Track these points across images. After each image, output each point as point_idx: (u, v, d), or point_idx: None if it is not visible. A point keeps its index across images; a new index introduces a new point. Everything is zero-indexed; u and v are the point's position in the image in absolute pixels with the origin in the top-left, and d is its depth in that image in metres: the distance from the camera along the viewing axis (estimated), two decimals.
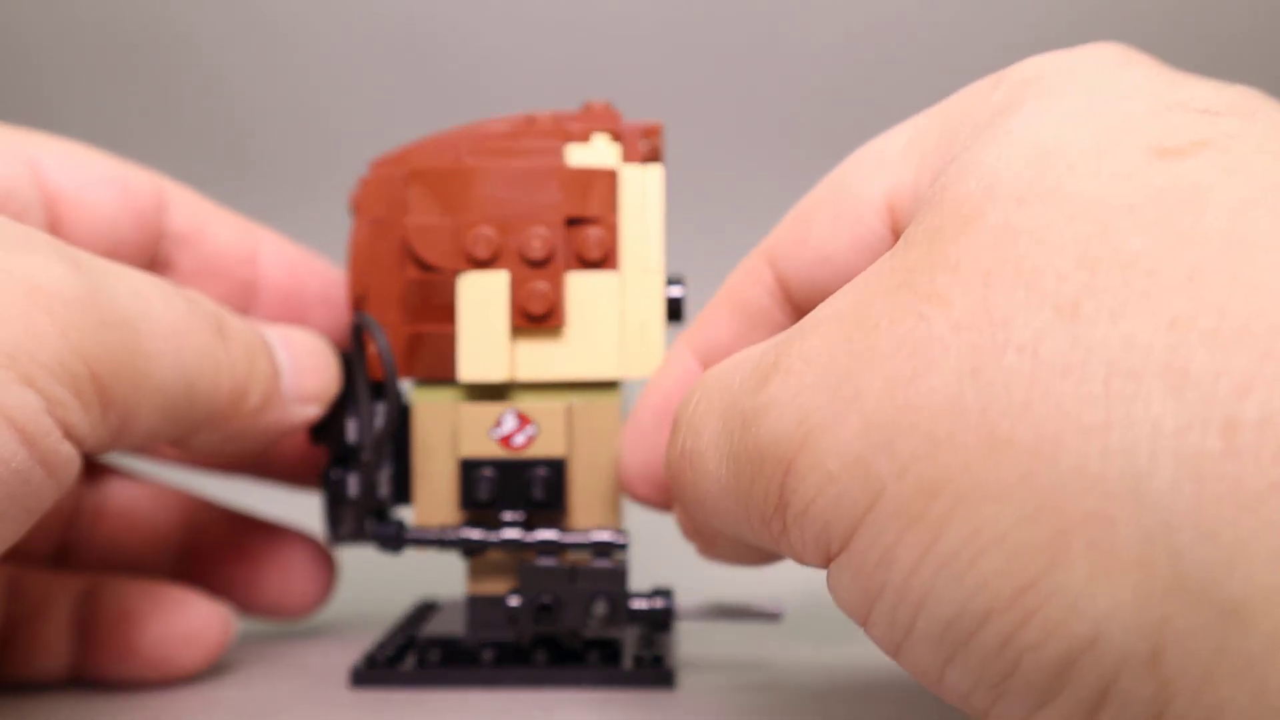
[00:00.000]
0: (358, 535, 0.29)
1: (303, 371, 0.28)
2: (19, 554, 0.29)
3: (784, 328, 0.26)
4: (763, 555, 0.26)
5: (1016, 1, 0.94)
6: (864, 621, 0.19)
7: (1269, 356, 0.14)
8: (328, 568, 0.32)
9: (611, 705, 0.27)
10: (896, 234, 0.24)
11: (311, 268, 0.32)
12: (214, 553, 0.31)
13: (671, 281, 0.29)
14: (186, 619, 0.28)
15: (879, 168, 0.24)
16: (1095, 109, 0.19)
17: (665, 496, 0.27)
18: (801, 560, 0.20)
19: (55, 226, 0.28)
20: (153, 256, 0.30)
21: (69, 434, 0.21)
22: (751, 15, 0.95)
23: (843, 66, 0.94)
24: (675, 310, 0.29)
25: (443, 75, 0.92)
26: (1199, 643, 0.14)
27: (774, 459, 0.19)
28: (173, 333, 0.23)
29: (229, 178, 0.81)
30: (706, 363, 0.27)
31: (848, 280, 0.23)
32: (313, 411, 0.28)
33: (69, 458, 0.22)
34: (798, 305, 0.26)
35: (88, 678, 0.28)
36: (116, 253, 0.29)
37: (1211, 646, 0.14)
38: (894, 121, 0.25)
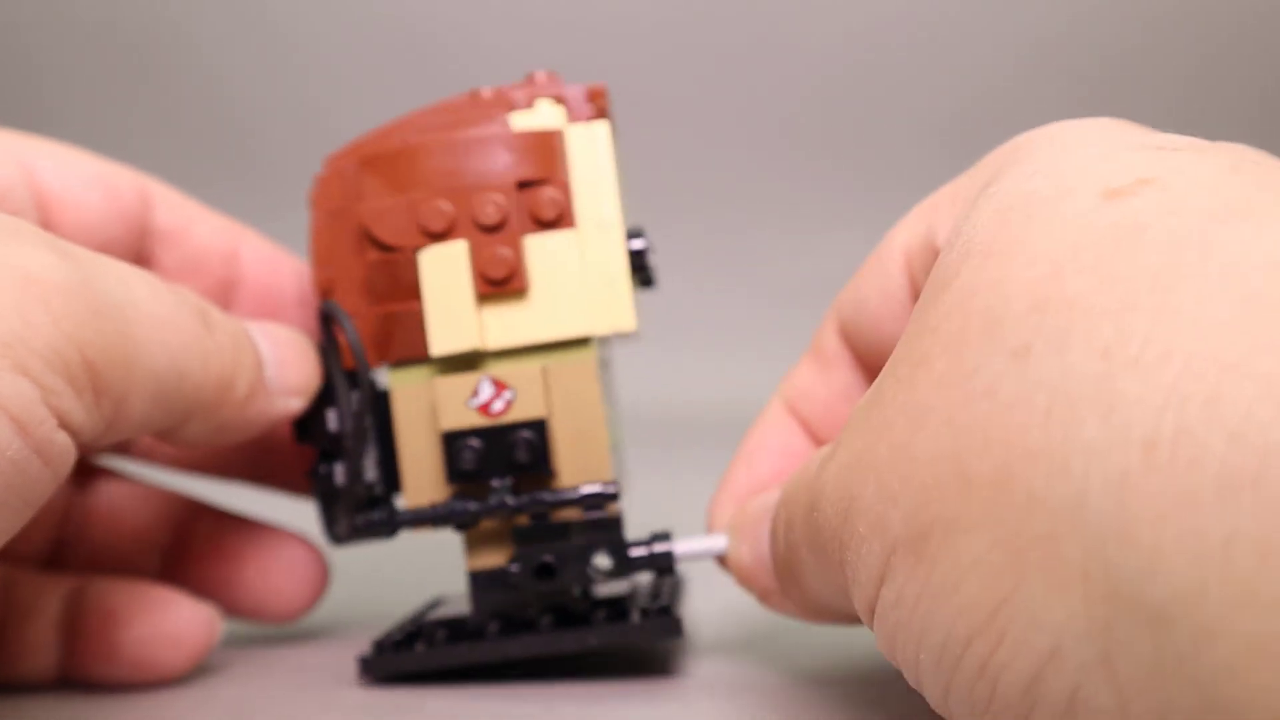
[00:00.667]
0: (353, 532, 0.29)
1: (285, 364, 0.28)
2: (12, 554, 0.29)
3: (851, 367, 0.28)
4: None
5: (1012, 4, 0.94)
6: (897, 665, 0.20)
7: (1184, 377, 0.15)
8: (320, 570, 0.32)
9: (615, 696, 0.27)
10: (915, 286, 0.26)
11: (290, 267, 0.32)
12: (203, 553, 0.31)
13: (632, 235, 0.29)
14: (170, 620, 0.28)
15: (906, 224, 0.26)
16: (1057, 160, 0.20)
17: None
18: (872, 628, 0.21)
19: (47, 228, 0.28)
20: (137, 254, 0.30)
21: (64, 423, 0.21)
22: (748, 14, 0.95)
23: (841, 66, 0.95)
24: (639, 263, 0.29)
25: (441, 75, 0.93)
26: (1139, 646, 0.15)
27: (831, 537, 0.21)
28: (161, 321, 0.24)
29: (229, 178, 0.82)
30: (795, 408, 0.29)
31: (878, 326, 0.27)
32: (296, 404, 0.28)
33: (65, 447, 0.22)
34: (853, 348, 0.28)
35: (75, 679, 0.28)
36: (106, 251, 0.29)
37: (1149, 648, 0.15)
38: (895, 123, 0.26)
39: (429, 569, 0.38)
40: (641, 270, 0.29)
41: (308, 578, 0.31)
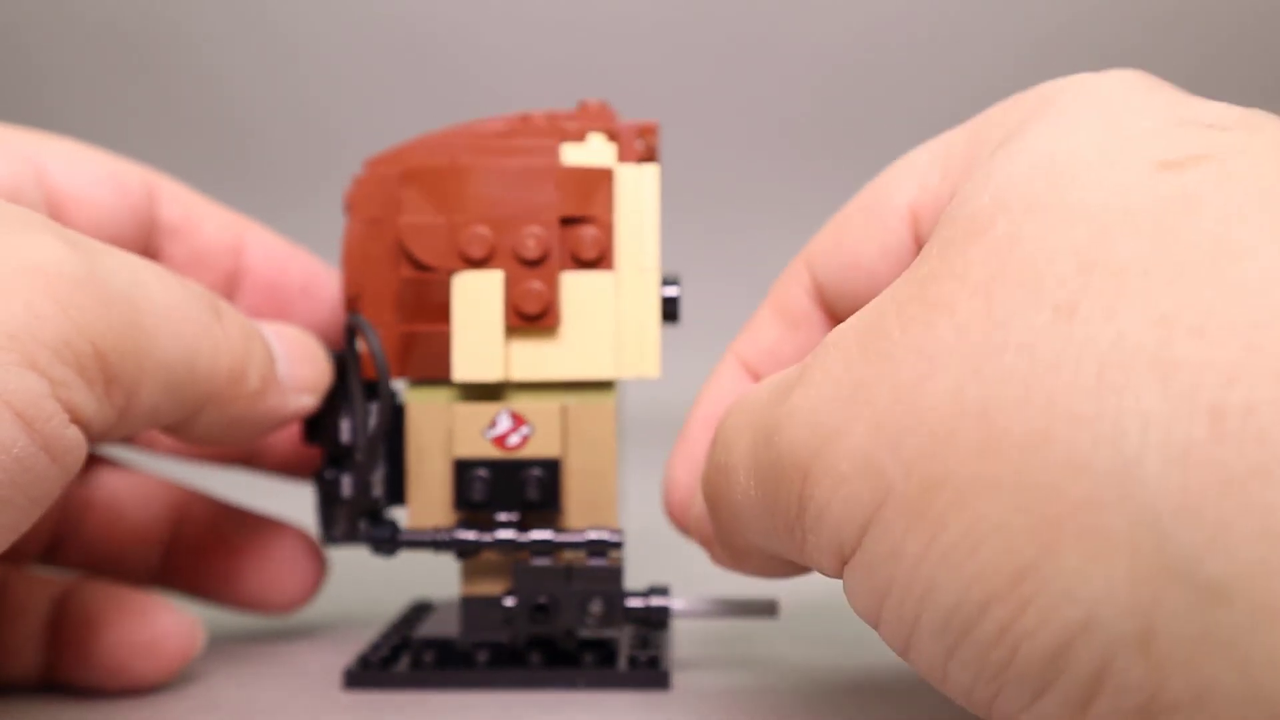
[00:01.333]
0: (351, 537, 0.29)
1: (296, 361, 0.28)
2: (11, 547, 0.29)
3: (824, 328, 0.27)
4: (792, 568, 0.25)
5: (1015, 4, 0.93)
6: (875, 621, 0.19)
7: (1252, 349, 0.15)
8: (317, 562, 0.32)
9: (608, 706, 0.27)
10: (919, 242, 0.25)
11: (295, 260, 0.32)
12: (200, 544, 0.31)
13: (667, 281, 0.29)
14: (148, 627, 0.27)
15: (908, 179, 0.25)
16: (1104, 126, 0.20)
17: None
18: (821, 569, 0.21)
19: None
20: (145, 250, 0.30)
21: (75, 416, 0.21)
22: (749, 15, 0.95)
23: (841, 66, 0.94)
24: (670, 310, 0.29)
25: (441, 75, 0.92)
26: (1186, 623, 0.15)
27: (793, 466, 0.20)
28: (172, 311, 0.24)
29: (227, 178, 0.81)
30: (754, 368, 0.28)
31: (875, 284, 0.24)
32: (308, 401, 0.28)
33: (74, 442, 0.21)
34: (831, 308, 0.27)
35: (57, 682, 0.27)
36: (119, 246, 0.29)
37: (1198, 626, 0.15)
38: (895, 123, 0.25)
39: (422, 569, 0.38)
40: (671, 316, 0.29)
41: (306, 569, 0.31)
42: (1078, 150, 0.19)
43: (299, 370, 0.28)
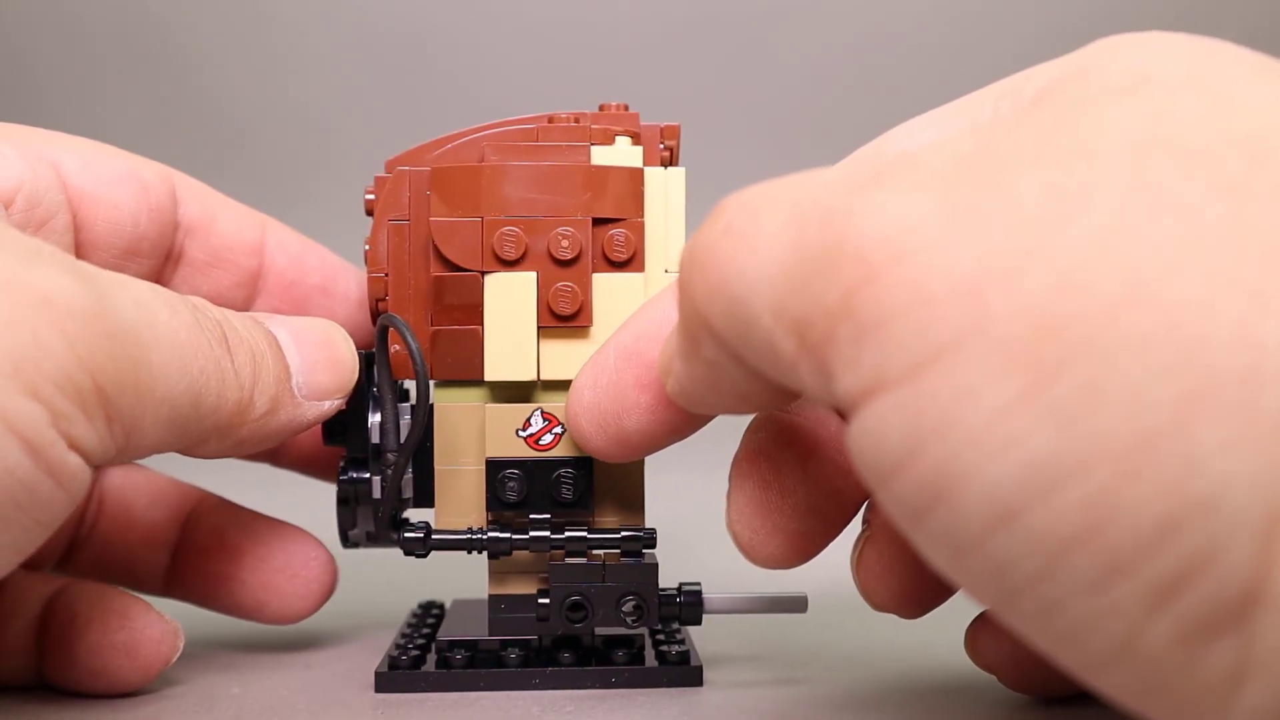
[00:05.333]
0: (380, 539, 0.29)
1: (316, 368, 0.27)
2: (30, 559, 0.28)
3: None
4: (741, 396, 0.22)
5: (1023, 6, 0.95)
6: (895, 467, 0.17)
7: None
8: (326, 572, 0.31)
9: (638, 701, 0.27)
10: None
11: (315, 257, 0.32)
12: (204, 547, 0.31)
13: None
14: (127, 629, 0.27)
15: (920, 129, 0.24)
16: (1238, 53, 0.19)
17: (611, 439, 0.26)
18: (811, 385, 0.19)
19: (79, 227, 0.28)
20: (168, 249, 0.30)
21: (73, 446, 0.21)
22: (749, 13, 0.95)
23: (841, 64, 0.95)
24: None
25: (440, 75, 0.92)
26: None
27: (855, 260, 0.17)
28: (178, 344, 0.23)
29: (226, 177, 0.80)
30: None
31: None
32: (329, 407, 0.28)
33: (77, 469, 0.21)
34: None
35: (47, 683, 0.27)
36: (138, 249, 0.28)
37: None
38: (895, 122, 0.26)
39: (421, 569, 0.38)
40: None
41: (312, 579, 0.31)
42: (1223, 60, 0.19)
43: (318, 377, 0.27)
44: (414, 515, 0.30)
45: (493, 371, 0.28)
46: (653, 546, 0.28)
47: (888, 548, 0.25)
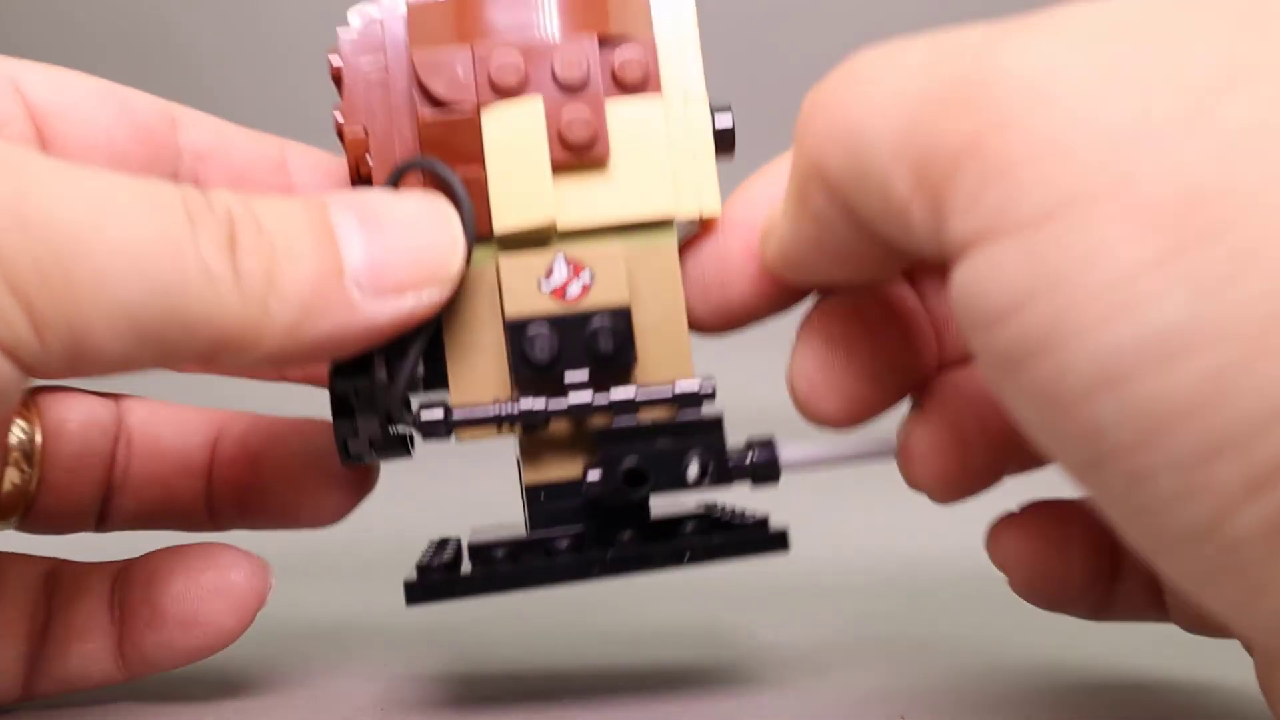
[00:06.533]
0: (376, 450, 0.25)
1: (390, 255, 0.22)
2: (69, 514, 0.28)
3: None
4: (843, 259, 0.22)
5: (1023, 6, 0.97)
6: (1000, 314, 0.16)
7: None
8: (360, 470, 0.29)
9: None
10: None
11: (342, 169, 0.29)
12: (234, 460, 0.29)
13: (717, 109, 0.26)
14: (214, 568, 0.26)
15: None
16: None
17: (714, 308, 0.25)
18: (919, 229, 0.18)
19: (45, 144, 0.26)
20: (173, 174, 0.28)
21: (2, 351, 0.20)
22: (748, 13, 0.95)
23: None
24: (726, 141, 0.26)
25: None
26: None
27: (990, 104, 0.17)
28: (137, 249, 0.20)
29: None
30: None
31: None
32: (410, 303, 0.23)
33: (6, 375, 0.20)
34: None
35: (132, 661, 0.26)
36: (122, 169, 0.25)
37: None
38: None
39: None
40: (727, 148, 0.26)
41: (348, 477, 0.29)
42: None
43: (389, 269, 0.22)
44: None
45: (503, 219, 0.24)
46: (713, 399, 0.24)
47: (938, 426, 0.24)
